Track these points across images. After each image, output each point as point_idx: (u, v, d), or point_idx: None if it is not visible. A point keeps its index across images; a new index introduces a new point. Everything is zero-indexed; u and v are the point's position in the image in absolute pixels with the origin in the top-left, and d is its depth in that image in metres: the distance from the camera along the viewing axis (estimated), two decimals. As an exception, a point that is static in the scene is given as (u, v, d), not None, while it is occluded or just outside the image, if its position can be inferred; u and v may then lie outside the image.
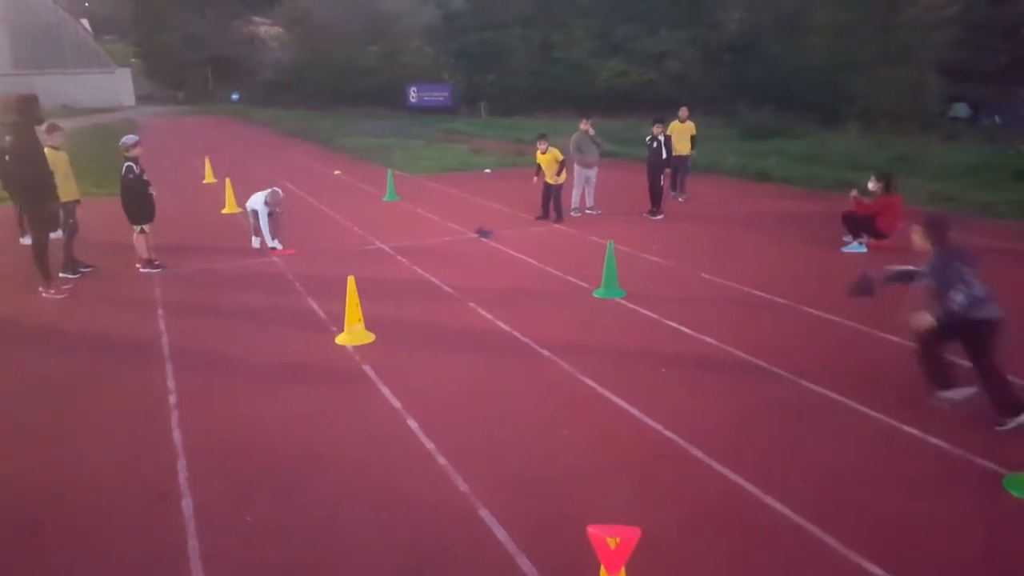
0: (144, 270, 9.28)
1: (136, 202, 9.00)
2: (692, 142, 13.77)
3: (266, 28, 60.18)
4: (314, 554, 3.77)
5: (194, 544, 3.84)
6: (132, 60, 64.26)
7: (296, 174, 18.52)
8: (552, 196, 12.03)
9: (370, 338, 6.76)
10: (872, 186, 10.11)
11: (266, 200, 10.04)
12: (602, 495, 4.27)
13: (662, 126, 12.58)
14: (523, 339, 6.77)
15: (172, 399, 5.59)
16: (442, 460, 4.63)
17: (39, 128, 8.21)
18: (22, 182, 8.23)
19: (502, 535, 3.87)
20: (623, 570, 2.73)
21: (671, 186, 13.62)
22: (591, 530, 2.73)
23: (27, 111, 7.89)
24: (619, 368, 6.07)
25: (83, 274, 9.12)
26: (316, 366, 6.25)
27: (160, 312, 7.73)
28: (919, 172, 15.12)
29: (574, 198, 12.62)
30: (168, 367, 6.22)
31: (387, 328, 6.99)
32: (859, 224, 10.11)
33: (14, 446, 4.98)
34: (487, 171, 18.75)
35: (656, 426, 5.04)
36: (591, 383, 5.76)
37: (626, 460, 4.65)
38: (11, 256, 10.16)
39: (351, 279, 6.79)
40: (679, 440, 4.84)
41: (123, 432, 5.11)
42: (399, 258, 9.93)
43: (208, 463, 4.65)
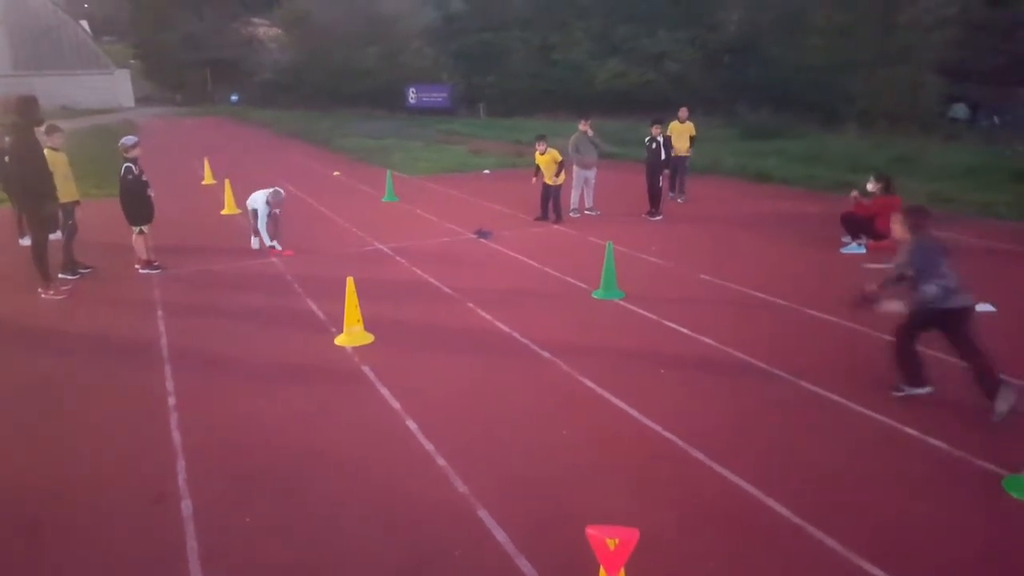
0: (143, 271, 9.28)
1: (135, 203, 9.00)
2: (691, 143, 13.78)
3: (265, 29, 60.23)
4: (313, 555, 3.77)
5: (193, 545, 3.84)
6: (131, 61, 64.29)
7: (295, 175, 18.50)
8: (551, 197, 12.04)
9: (369, 339, 6.76)
10: (871, 187, 10.11)
11: (267, 199, 10.01)
12: (601, 496, 4.27)
13: (661, 127, 12.60)
14: (522, 340, 6.77)
15: (171, 400, 5.59)
16: (441, 461, 4.63)
17: (38, 129, 8.21)
18: (21, 183, 8.22)
19: (501, 536, 3.87)
20: (622, 571, 2.73)
21: (670, 187, 13.64)
22: (590, 531, 2.72)
23: (26, 112, 7.89)
24: (618, 369, 6.07)
25: (82, 275, 9.11)
26: (315, 367, 6.25)
27: (159, 313, 7.73)
28: (918, 173, 15.13)
29: (573, 199, 12.63)
30: (167, 368, 6.22)
31: (386, 329, 6.99)
32: (858, 225, 10.12)
33: (14, 446, 4.98)
34: (486, 172, 18.74)
35: (655, 427, 5.05)
36: (590, 384, 5.76)
37: (625, 461, 4.65)
38: (10, 257, 10.15)
39: (350, 280, 6.79)
40: (678, 441, 4.85)
41: (122, 433, 5.11)
42: (398, 259, 9.93)
43: (207, 464, 4.65)
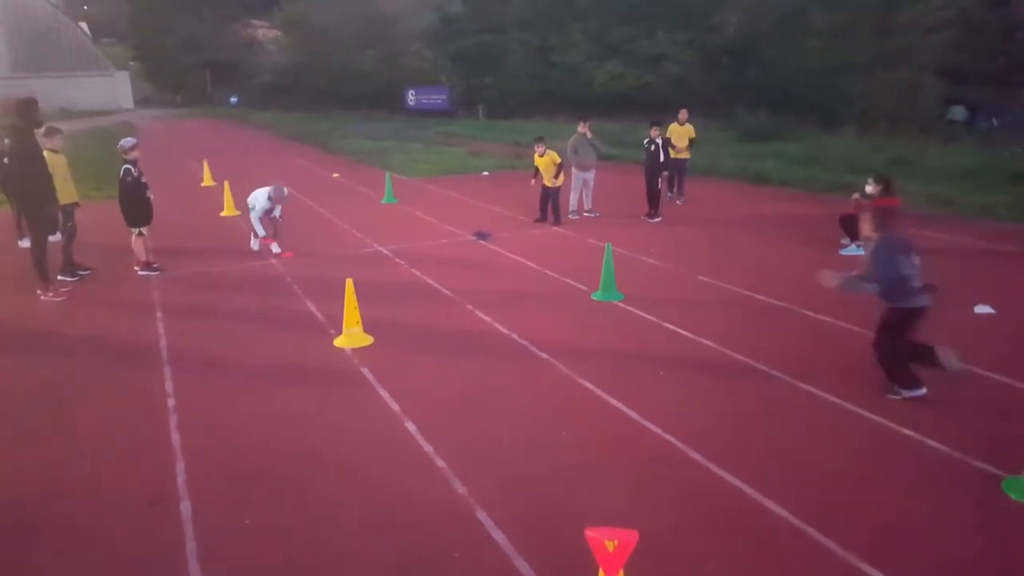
0: (142, 273, 9.28)
1: (134, 205, 9.00)
2: (690, 144, 13.78)
3: (264, 31, 60.34)
4: (312, 556, 3.77)
5: (192, 545, 3.84)
6: (131, 63, 64.39)
7: (294, 177, 18.49)
8: (550, 199, 12.04)
9: (368, 340, 6.76)
10: (871, 188, 10.08)
11: (269, 196, 9.84)
12: (600, 497, 4.27)
13: (659, 129, 12.61)
14: (521, 341, 6.77)
15: (171, 401, 5.59)
16: (440, 462, 4.63)
17: (38, 131, 8.23)
18: (21, 185, 8.23)
19: (500, 537, 3.88)
20: (621, 573, 2.74)
21: (668, 188, 13.64)
22: (589, 533, 2.73)
23: (26, 114, 7.89)
24: (617, 370, 6.07)
25: (82, 277, 9.11)
26: (314, 368, 6.25)
27: (159, 315, 7.72)
28: (917, 175, 15.14)
29: (572, 201, 12.64)
30: (167, 369, 6.22)
31: (385, 330, 6.99)
32: (857, 226, 10.10)
33: (13, 448, 4.98)
34: (485, 174, 18.75)
35: (654, 428, 5.05)
36: (589, 385, 5.77)
37: (624, 462, 4.66)
38: (10, 258, 10.15)
39: (349, 281, 6.79)
40: (677, 442, 4.85)
41: (122, 434, 5.11)
42: (397, 261, 9.93)
43: (207, 465, 4.65)
